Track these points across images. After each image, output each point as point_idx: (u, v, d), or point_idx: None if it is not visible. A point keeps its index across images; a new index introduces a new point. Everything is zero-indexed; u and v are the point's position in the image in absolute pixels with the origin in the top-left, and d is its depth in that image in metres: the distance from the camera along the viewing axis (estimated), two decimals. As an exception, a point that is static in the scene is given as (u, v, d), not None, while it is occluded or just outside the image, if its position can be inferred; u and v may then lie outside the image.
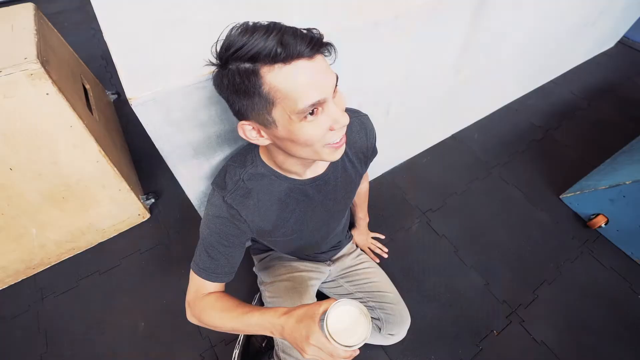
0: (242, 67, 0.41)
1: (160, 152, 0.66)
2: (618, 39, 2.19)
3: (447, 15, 0.90)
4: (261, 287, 0.91)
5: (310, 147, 0.47)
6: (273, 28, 0.39)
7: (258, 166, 0.59)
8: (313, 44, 0.40)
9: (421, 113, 1.25)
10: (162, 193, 1.42)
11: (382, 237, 1.25)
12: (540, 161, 1.56)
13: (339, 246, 0.93)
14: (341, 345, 0.45)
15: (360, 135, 0.67)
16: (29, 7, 1.13)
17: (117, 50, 0.63)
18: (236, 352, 0.99)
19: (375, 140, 0.72)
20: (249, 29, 0.40)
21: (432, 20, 0.87)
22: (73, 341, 1.06)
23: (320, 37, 0.41)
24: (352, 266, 0.95)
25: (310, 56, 0.41)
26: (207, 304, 0.59)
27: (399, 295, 0.91)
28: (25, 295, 1.16)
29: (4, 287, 1.18)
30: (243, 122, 0.48)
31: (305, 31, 0.41)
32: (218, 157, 0.75)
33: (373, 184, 1.41)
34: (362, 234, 1.15)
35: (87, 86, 1.39)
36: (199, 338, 1.05)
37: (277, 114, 0.43)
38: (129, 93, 0.55)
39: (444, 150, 1.60)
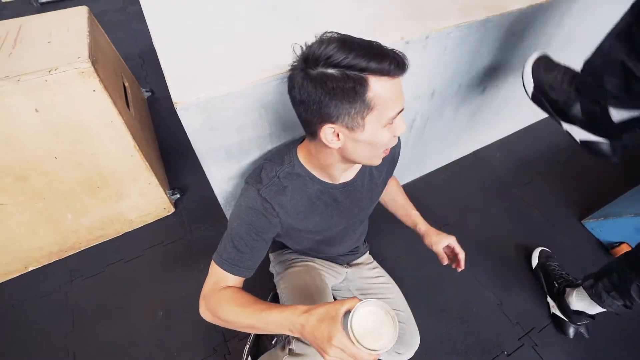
0: (353, 74, 0.46)
1: (197, 153, 0.71)
2: None
3: (476, 36, 0.92)
4: (276, 279, 0.93)
5: (376, 150, 0.56)
6: (382, 47, 0.48)
7: (295, 166, 0.63)
8: (405, 66, 0.49)
9: (444, 129, 1.27)
10: (187, 189, 1.49)
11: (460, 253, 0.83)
12: (562, 184, 1.54)
13: (356, 251, 0.95)
14: (366, 349, 0.43)
15: None
16: (84, 10, 1.22)
17: (166, 58, 0.69)
18: (247, 347, 1.02)
19: (400, 148, 0.77)
20: (352, 43, 0.47)
21: (461, 39, 0.89)
22: (96, 322, 1.13)
23: (407, 62, 0.50)
24: (368, 277, 0.96)
25: (400, 75, 0.50)
26: (223, 296, 0.59)
27: (411, 315, 0.91)
28: (56, 276, 1.24)
29: (38, 266, 1.26)
30: (329, 124, 0.51)
31: (400, 54, 0.49)
32: (248, 159, 0.79)
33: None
34: (431, 231, 0.85)
35: (126, 84, 1.48)
36: (213, 332, 1.09)
37: (371, 118, 0.50)
38: (175, 98, 0.60)
39: (465, 167, 1.59)
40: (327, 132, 0.52)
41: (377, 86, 0.47)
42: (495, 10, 0.88)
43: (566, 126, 0.78)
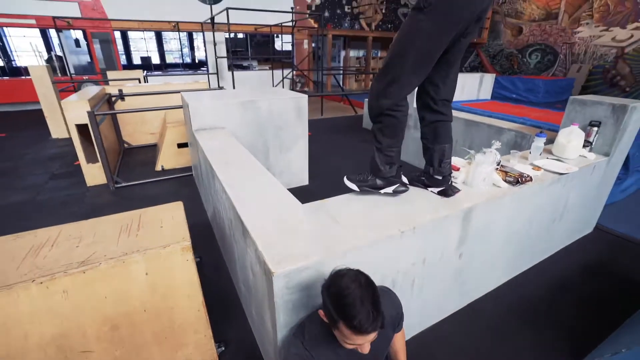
0: (334, 314, 0.86)
1: (275, 305, 1.08)
2: (593, 226, 2.71)
3: (447, 222, 1.44)
4: None
5: (344, 344, 0.89)
6: (363, 315, 0.82)
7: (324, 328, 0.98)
8: (371, 332, 0.83)
9: (437, 286, 1.64)
10: (229, 343, 1.71)
11: None
12: (548, 331, 1.79)
13: None
14: None
15: (390, 311, 1.07)
16: (180, 204, 1.80)
17: (262, 243, 1.15)
18: None
19: (401, 309, 1.12)
20: (349, 298, 0.84)
21: (437, 226, 1.41)
22: None
23: (376, 329, 0.84)
24: None
25: (365, 334, 0.84)
26: None
27: None
28: None
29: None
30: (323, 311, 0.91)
31: (371, 326, 0.82)
32: (304, 312, 1.14)
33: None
34: None
35: (191, 251, 1.94)
36: None
37: (337, 333, 0.87)
38: (272, 268, 1.03)
39: (462, 318, 1.87)
40: (322, 314, 0.92)
41: (343, 328, 0.84)
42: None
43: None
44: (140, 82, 6.67)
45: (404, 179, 1.60)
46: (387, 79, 1.30)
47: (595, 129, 2.25)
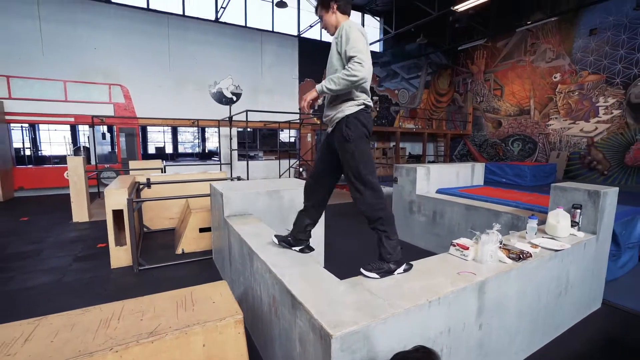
0: None
1: (331, 366, 1.24)
2: (600, 302, 2.86)
3: (465, 293, 1.67)
4: None
5: None
6: None
7: None
8: None
9: (463, 357, 1.77)
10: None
11: None
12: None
13: None
14: None
15: None
16: (224, 283, 2.01)
17: (316, 312, 1.37)
18: None
19: None
20: None
21: (458, 296, 1.63)
22: None
23: None
24: None
25: None
26: None
27: None
28: None
29: None
30: None
31: None
32: (353, 374, 1.30)
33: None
34: None
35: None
36: None
37: None
38: (330, 332, 1.23)
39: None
40: None
41: None
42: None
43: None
44: (162, 171, 7.30)
45: (275, 240, 2.22)
46: (368, 186, 1.82)
47: (579, 210, 2.62)
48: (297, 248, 2.15)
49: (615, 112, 10.57)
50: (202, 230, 4.26)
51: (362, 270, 1.77)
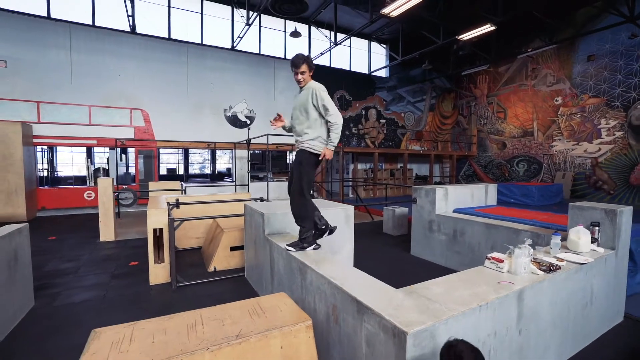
0: None
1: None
2: (622, 315, 3.02)
3: (507, 300, 1.87)
4: None
5: None
6: None
7: None
8: None
9: (505, 357, 1.96)
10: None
11: None
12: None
13: None
14: None
15: None
16: (284, 294, 2.22)
17: (386, 314, 1.58)
18: None
19: None
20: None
21: (502, 302, 1.84)
22: None
23: None
24: None
25: None
26: None
27: None
28: None
29: None
30: None
31: None
32: (421, 369, 1.50)
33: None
34: None
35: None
36: None
37: None
38: (405, 329, 1.45)
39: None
40: None
41: None
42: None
43: None
44: (182, 192, 7.57)
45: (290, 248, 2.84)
46: (303, 196, 2.79)
47: (597, 228, 2.84)
48: (311, 247, 2.84)
49: (618, 134, 10.93)
50: (232, 248, 4.47)
51: (285, 246, 2.81)
